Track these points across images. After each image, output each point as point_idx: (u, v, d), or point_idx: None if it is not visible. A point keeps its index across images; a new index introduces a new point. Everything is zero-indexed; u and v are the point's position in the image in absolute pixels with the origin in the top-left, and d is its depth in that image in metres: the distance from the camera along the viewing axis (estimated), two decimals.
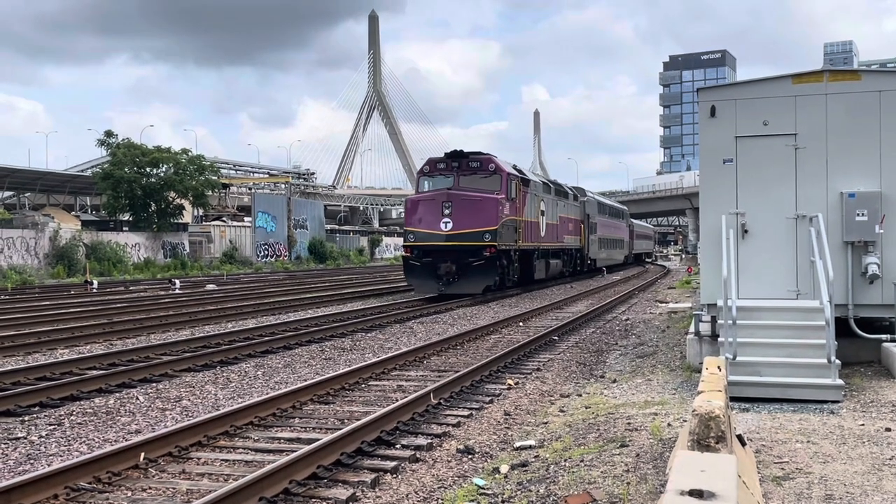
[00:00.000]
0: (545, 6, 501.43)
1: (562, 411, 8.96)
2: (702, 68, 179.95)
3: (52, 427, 8.01)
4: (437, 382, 9.89)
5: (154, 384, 10.43)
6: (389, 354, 12.51)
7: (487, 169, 25.38)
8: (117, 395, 9.69)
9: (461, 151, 25.74)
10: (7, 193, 62.73)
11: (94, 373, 10.99)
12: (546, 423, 8.42)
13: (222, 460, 6.94)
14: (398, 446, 7.40)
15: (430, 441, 7.56)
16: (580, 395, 9.85)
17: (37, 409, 8.95)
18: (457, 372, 10.84)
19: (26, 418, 8.39)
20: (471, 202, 24.36)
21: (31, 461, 6.87)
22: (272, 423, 8.33)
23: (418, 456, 7.12)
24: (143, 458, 6.68)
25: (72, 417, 8.43)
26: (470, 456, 7.16)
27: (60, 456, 7.02)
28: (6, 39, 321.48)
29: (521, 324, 18.21)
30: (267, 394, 9.52)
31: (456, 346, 14.15)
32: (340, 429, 7.59)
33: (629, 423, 7.84)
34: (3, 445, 7.30)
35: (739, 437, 5.95)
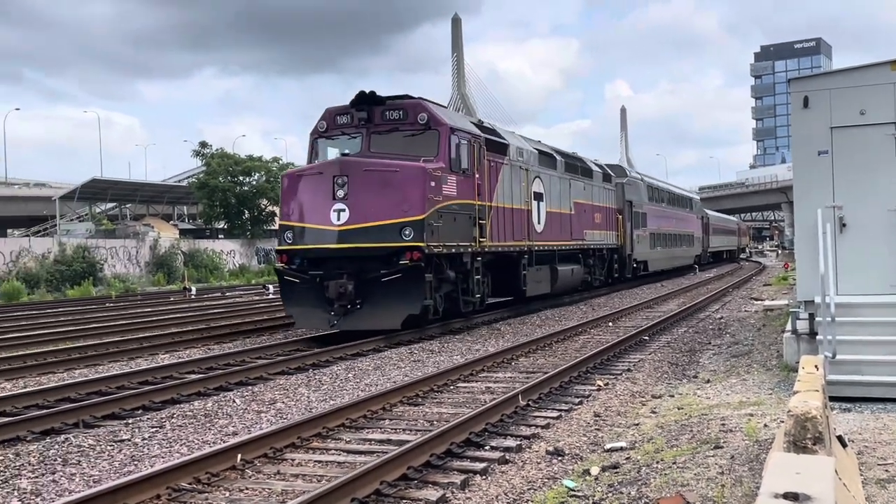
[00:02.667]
0: (628, 1, 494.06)
1: (653, 412, 8.82)
2: (795, 58, 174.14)
3: (154, 429, 8.32)
4: (526, 384, 9.87)
5: (250, 387, 10.72)
6: (477, 356, 12.54)
7: (415, 121, 15.88)
8: (215, 398, 10.00)
9: (373, 95, 16.11)
10: (110, 205, 65.46)
11: (193, 377, 11.37)
12: (637, 424, 8.30)
13: (315, 461, 7.08)
14: (487, 448, 7.41)
15: (519, 443, 7.55)
16: (672, 396, 9.67)
17: (140, 412, 9.32)
18: (545, 373, 10.79)
19: (130, 421, 8.74)
20: (379, 176, 14.93)
21: (135, 462, 7.15)
22: (363, 424, 8.46)
23: (507, 457, 7.12)
24: (240, 460, 6.88)
25: (173, 420, 8.74)
26: (560, 458, 7.12)
27: (162, 457, 7.29)
28: (103, 58, 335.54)
29: (610, 324, 17.99)
30: (358, 396, 9.67)
31: (544, 348, 14.09)
32: (430, 430, 7.66)
33: (723, 424, 7.67)
34: (109, 447, 7.62)
35: (840, 439, 5.74)
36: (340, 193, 14.83)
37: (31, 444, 7.82)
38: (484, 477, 6.59)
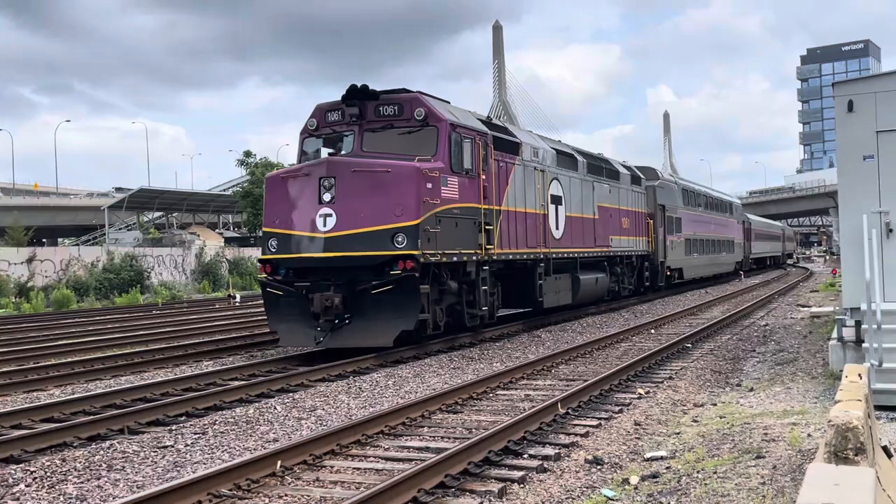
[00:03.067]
0: (668, 6, 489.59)
1: (695, 421, 8.71)
2: (843, 60, 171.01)
3: (196, 435, 8.44)
4: (566, 392, 9.82)
5: (290, 394, 10.82)
6: (517, 363, 12.51)
7: (412, 117, 14.48)
8: (256, 404, 10.11)
9: (365, 89, 14.65)
10: (157, 214, 66.63)
11: (236, 383, 11.51)
12: (678, 433, 8.21)
13: (354, 468, 7.12)
14: (525, 456, 7.38)
15: (557, 451, 7.52)
16: (714, 405, 9.55)
17: (183, 418, 9.46)
18: (585, 381, 10.72)
19: (174, 427, 8.88)
20: (369, 178, 13.58)
21: (178, 468, 7.26)
22: (402, 431, 8.49)
23: (546, 466, 7.09)
24: (280, 466, 6.94)
25: (215, 426, 8.85)
26: (599, 466, 7.07)
27: (204, 463, 7.39)
28: (149, 69, 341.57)
29: (652, 331, 17.82)
30: (397, 403, 9.71)
31: (584, 355, 14.01)
32: (468, 438, 7.66)
33: (766, 434, 7.55)
34: (152, 453, 7.74)
35: (885, 449, 5.62)
36: (327, 197, 13.58)
37: (77, 449, 7.98)
38: (522, 486, 6.57)
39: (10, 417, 9.38)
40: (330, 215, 13.54)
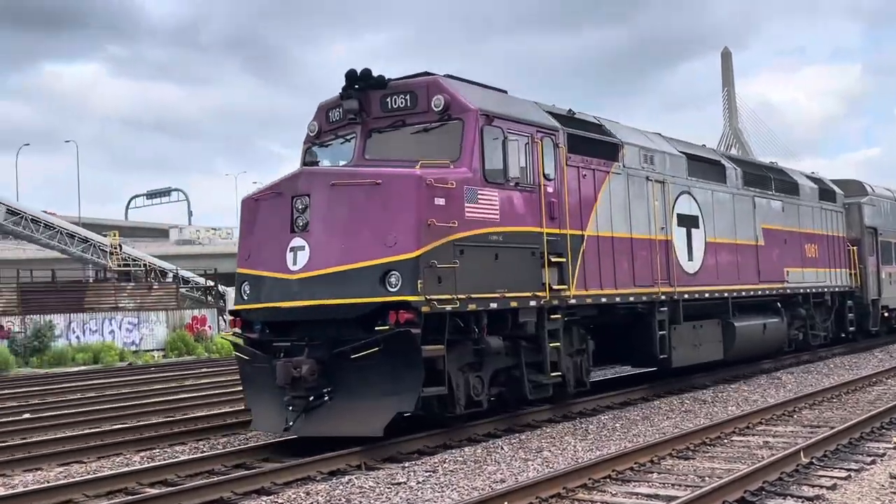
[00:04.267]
0: None
1: None
2: None
3: (427, 473, 8.71)
4: (809, 439, 9.16)
5: (517, 434, 10.90)
6: (754, 408, 11.86)
7: (428, 108, 10.73)
8: (484, 444, 10.28)
9: (368, 75, 10.98)
10: None
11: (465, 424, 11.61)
12: None
13: None
14: None
15: None
16: None
17: (415, 455, 9.80)
18: (832, 428, 9.94)
19: (406, 464, 9.22)
20: (354, 194, 9.95)
21: None
22: (630, 476, 8.29)
23: None
24: None
25: (445, 465, 9.10)
26: None
27: (434, 501, 7.61)
28: None
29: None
30: (625, 447, 9.50)
31: (831, 399, 13.00)
32: (700, 487, 7.35)
33: None
34: (386, 489, 8.09)
35: None
36: (301, 222, 9.96)
37: (319, 483, 8.50)
38: None
39: (257, 451, 10.14)
40: (302, 248, 9.90)
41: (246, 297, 10.62)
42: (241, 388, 11.85)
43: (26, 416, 15.14)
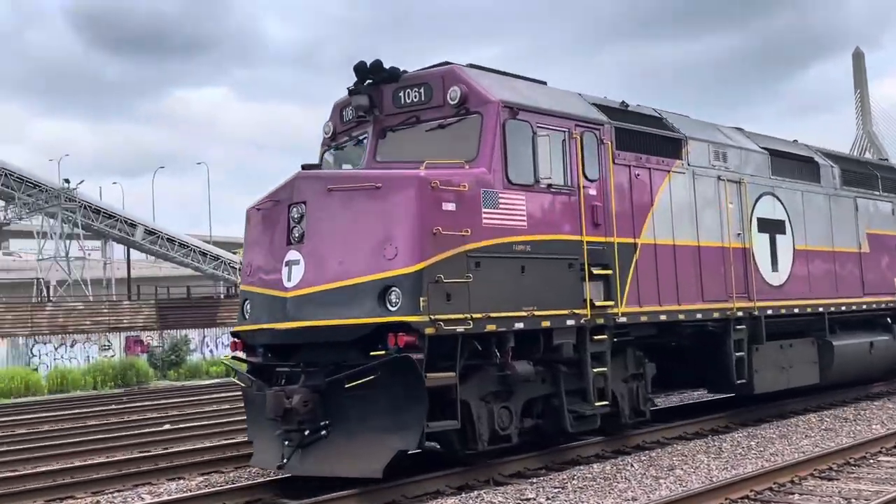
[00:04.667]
0: None
1: None
2: None
3: (556, 490, 8.62)
4: None
5: (647, 451, 10.65)
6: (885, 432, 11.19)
7: (444, 102, 9.58)
8: (613, 461, 10.09)
9: (378, 66, 9.89)
10: None
11: (596, 438, 10.87)
12: None
13: None
14: None
15: None
16: None
17: (543, 471, 9.70)
18: None
19: (535, 480, 9.15)
20: (352, 200, 8.94)
21: None
22: (769, 497, 7.98)
23: None
24: None
25: (573, 482, 8.98)
26: None
27: None
28: None
29: None
30: (762, 466, 9.14)
31: None
32: None
33: None
34: None
35: None
36: (297, 233, 8.96)
37: (448, 498, 8.53)
38: None
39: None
40: (297, 262, 8.86)
41: (247, 317, 9.62)
42: None
43: (166, 426, 15.90)
